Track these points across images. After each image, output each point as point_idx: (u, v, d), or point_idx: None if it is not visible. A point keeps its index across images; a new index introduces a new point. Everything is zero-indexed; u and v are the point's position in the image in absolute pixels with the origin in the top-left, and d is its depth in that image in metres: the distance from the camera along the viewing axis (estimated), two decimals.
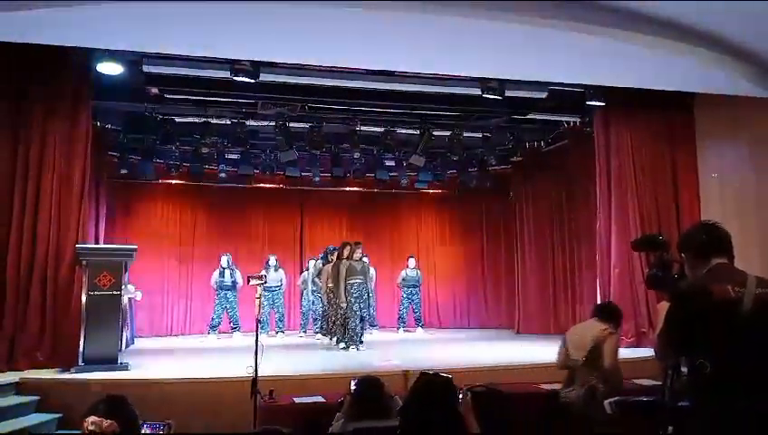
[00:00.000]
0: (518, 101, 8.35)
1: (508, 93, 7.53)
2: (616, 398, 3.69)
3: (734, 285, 2.16)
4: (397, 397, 3.75)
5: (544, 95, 8.04)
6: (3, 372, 6.17)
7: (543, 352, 8.09)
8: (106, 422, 2.44)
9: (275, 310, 11.00)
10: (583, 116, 9.16)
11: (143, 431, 2.73)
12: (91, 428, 2.43)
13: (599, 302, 8.34)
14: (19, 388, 5.76)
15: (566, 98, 8.48)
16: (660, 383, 2.67)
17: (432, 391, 2.72)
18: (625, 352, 7.31)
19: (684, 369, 2.18)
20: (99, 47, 6.44)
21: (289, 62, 7.02)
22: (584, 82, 7.70)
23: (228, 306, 10.65)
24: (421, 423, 2.64)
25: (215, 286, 10.76)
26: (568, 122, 9.62)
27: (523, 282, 11.37)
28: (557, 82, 7.69)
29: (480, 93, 7.44)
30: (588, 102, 8.12)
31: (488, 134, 9.98)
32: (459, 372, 5.87)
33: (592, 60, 6.32)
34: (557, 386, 5.21)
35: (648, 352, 6.56)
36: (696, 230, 2.43)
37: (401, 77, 7.57)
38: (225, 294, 10.65)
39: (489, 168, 11.54)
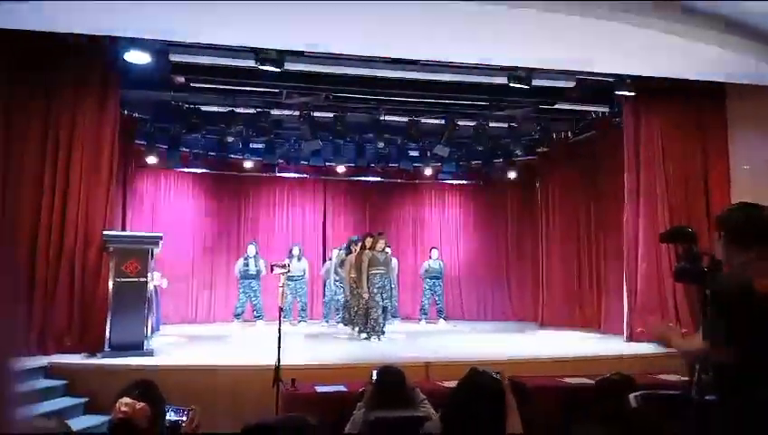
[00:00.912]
0: (545, 91, 8.24)
1: (535, 83, 7.44)
2: (642, 391, 3.63)
3: None
4: (418, 389, 3.74)
5: (572, 85, 7.93)
6: (33, 356, 6.32)
7: (567, 344, 8.04)
8: (138, 405, 2.47)
9: (298, 299, 11.07)
10: (612, 106, 9.01)
11: (168, 416, 2.76)
12: (124, 409, 2.46)
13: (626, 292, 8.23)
14: (48, 372, 5.90)
15: (594, 88, 8.35)
16: (686, 378, 2.60)
17: (480, 388, 2.67)
18: (650, 348, 7.22)
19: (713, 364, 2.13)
20: (126, 36, 6.52)
21: (314, 52, 7.02)
22: (614, 72, 7.57)
23: (252, 295, 10.74)
24: (466, 418, 2.59)
25: (238, 275, 10.86)
26: (596, 112, 9.48)
27: (547, 274, 11.27)
28: (586, 71, 7.57)
29: (506, 82, 7.36)
30: (617, 92, 7.99)
31: (514, 124, 9.87)
32: (481, 364, 5.85)
33: (623, 49, 6.22)
34: (582, 380, 5.17)
35: None
36: (737, 212, 2.28)
37: (426, 66, 7.53)
38: (249, 282, 10.74)
39: (515, 158, 11.43)
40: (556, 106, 9.07)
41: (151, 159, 10.30)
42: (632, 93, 7.91)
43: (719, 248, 2.25)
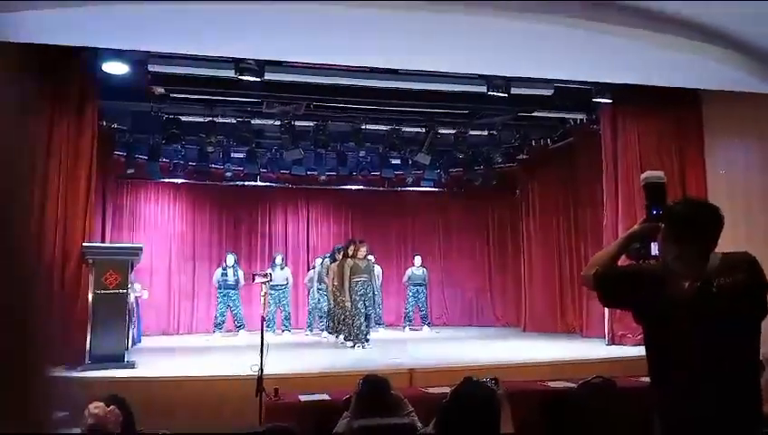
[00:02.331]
0: (524, 99, 8.33)
1: (514, 91, 7.52)
2: None
3: (693, 279, 2.04)
4: (406, 400, 3.74)
5: (550, 92, 8.01)
6: None
7: (549, 349, 8.09)
8: (108, 408, 2.46)
9: (281, 308, 11.02)
10: (590, 113, 9.13)
11: None
12: (94, 411, 2.44)
13: None
14: None
15: (572, 95, 8.45)
16: None
17: (474, 398, 2.64)
18: (631, 351, 7.30)
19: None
20: (104, 47, 6.48)
21: (294, 61, 7.03)
22: (591, 80, 7.67)
23: (231, 304, 10.67)
24: (460, 429, 2.57)
25: (216, 285, 10.79)
26: (574, 120, 9.59)
27: (529, 280, 11.35)
28: (563, 79, 7.66)
29: (486, 91, 7.43)
30: (594, 100, 8.09)
31: (494, 132, 9.96)
32: (464, 369, 5.87)
33: (600, 57, 6.30)
34: (565, 383, 5.20)
35: None
36: (680, 206, 2.25)
37: (406, 75, 7.56)
38: (228, 292, 10.65)
39: (495, 166, 11.53)
40: (535, 114, 9.16)
41: (131, 170, 10.22)
42: (609, 100, 8.02)
43: (660, 240, 2.21)
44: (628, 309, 2.30)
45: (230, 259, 10.81)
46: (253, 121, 9.15)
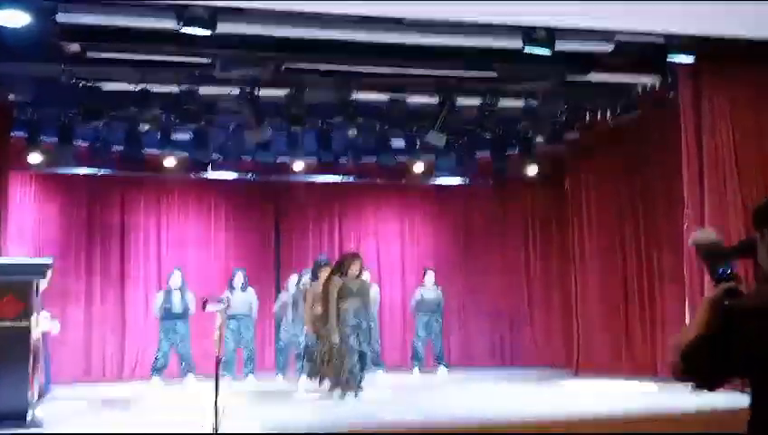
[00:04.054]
0: (574, 58, 8.33)
1: (560, 47, 7.51)
2: None
3: None
4: None
5: (610, 49, 8.01)
6: None
7: (613, 399, 8.09)
8: None
9: (243, 345, 11.02)
10: (665, 77, 9.13)
11: None
12: None
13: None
14: None
15: (640, 53, 8.46)
16: None
17: None
18: (725, 400, 7.31)
19: None
20: None
21: (258, 8, 7.03)
22: (666, 31, 7.67)
23: (177, 340, 10.68)
24: None
25: (158, 314, 10.79)
26: (643, 85, 9.59)
27: (582, 304, 11.34)
28: (628, 30, 7.67)
29: (522, 47, 7.43)
30: (670, 59, 8.09)
31: (533, 102, 9.96)
32: (497, 430, 5.88)
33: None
34: None
35: None
36: None
37: (413, 26, 7.56)
38: (174, 324, 10.67)
39: (535, 148, 11.52)
40: (589, 78, 9.16)
41: (35, 157, 10.21)
42: (691, 59, 8.02)
43: (761, 251, 2.23)
44: (738, 376, 2.31)
45: (176, 279, 10.81)
46: (201, 91, 9.15)
